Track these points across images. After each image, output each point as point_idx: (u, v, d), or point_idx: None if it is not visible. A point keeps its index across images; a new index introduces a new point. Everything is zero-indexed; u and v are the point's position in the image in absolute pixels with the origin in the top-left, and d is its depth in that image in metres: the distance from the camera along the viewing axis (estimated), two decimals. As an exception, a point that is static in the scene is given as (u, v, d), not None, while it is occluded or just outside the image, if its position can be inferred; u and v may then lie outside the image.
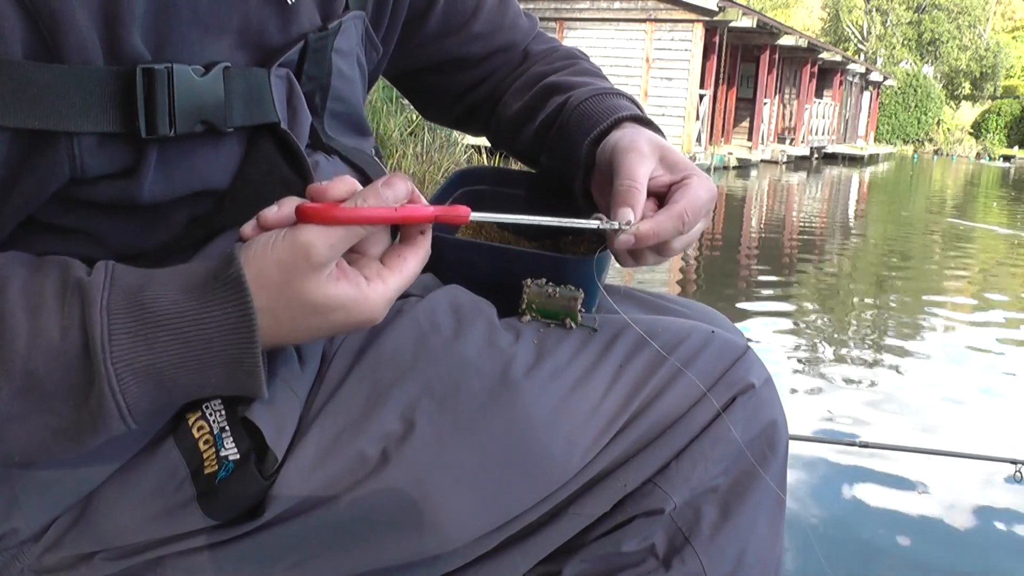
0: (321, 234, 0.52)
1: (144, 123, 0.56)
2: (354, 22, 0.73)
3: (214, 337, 0.52)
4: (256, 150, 0.64)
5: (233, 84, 0.60)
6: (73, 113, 0.53)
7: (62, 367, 0.51)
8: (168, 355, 0.52)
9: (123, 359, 0.51)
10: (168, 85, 0.56)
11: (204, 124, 0.59)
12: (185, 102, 0.57)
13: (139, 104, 0.55)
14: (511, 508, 0.66)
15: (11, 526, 0.62)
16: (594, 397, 0.67)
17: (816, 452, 2.60)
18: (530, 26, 0.95)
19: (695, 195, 0.69)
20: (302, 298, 0.54)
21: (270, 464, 0.62)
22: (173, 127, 0.57)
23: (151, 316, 0.52)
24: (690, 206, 0.68)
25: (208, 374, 0.53)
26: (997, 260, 7.58)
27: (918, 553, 2.13)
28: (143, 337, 0.51)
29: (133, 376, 0.51)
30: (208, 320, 0.52)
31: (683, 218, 0.68)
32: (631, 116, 0.77)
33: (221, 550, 0.63)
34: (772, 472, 0.72)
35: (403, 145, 8.76)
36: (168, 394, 0.54)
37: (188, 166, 0.60)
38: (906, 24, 40.19)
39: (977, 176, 22.10)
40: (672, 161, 0.71)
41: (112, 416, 0.52)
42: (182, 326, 0.52)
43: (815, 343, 4.22)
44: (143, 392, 0.52)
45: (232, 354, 0.53)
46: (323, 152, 0.73)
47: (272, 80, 0.64)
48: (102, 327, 0.51)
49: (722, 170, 16.02)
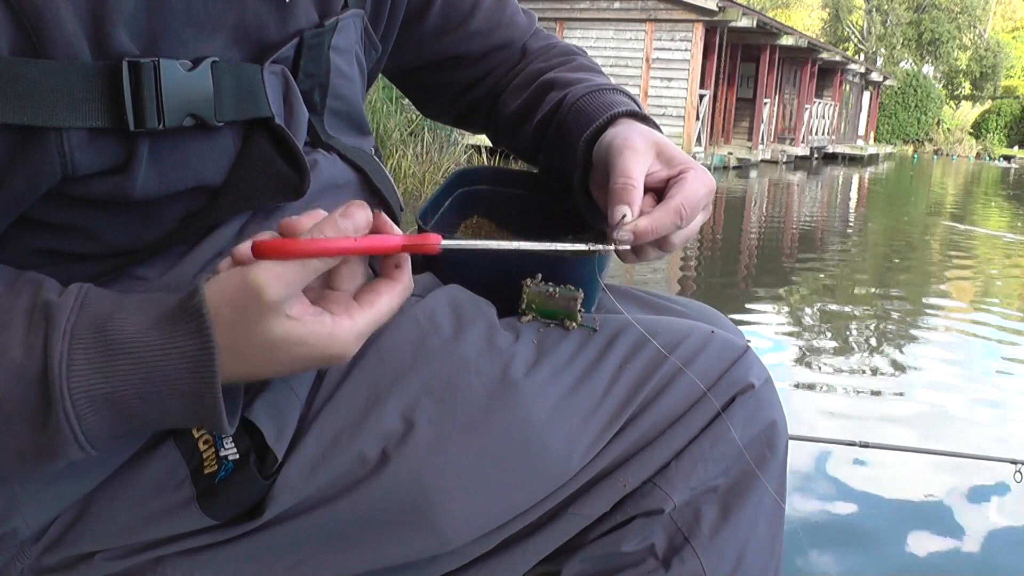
0: (274, 271, 0.51)
1: (132, 116, 0.55)
2: (352, 20, 0.73)
3: (174, 369, 0.51)
4: (251, 145, 0.64)
5: (223, 78, 0.60)
6: (60, 108, 0.53)
7: (22, 388, 0.50)
8: (127, 385, 0.51)
9: (80, 387, 0.50)
10: (155, 78, 0.56)
11: (194, 118, 0.59)
12: (173, 95, 0.57)
13: (126, 97, 0.55)
14: (511, 508, 0.66)
15: (11, 526, 0.62)
16: (594, 397, 0.67)
17: (816, 452, 2.60)
18: (528, 23, 0.95)
19: (692, 189, 0.69)
20: (260, 337, 0.52)
21: (270, 464, 0.62)
22: (162, 120, 0.57)
23: (114, 344, 0.51)
24: (687, 200, 0.68)
25: (168, 406, 0.52)
26: (997, 262, 7.58)
27: (918, 553, 2.13)
28: (102, 365, 0.51)
29: (91, 404, 0.51)
30: (170, 351, 0.51)
31: (680, 213, 0.67)
32: (627, 112, 0.77)
33: (221, 550, 0.63)
34: (772, 472, 0.72)
35: (403, 145, 8.76)
36: (127, 423, 0.53)
37: (181, 161, 0.60)
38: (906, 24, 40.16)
39: (977, 176, 22.09)
40: (668, 155, 0.71)
41: (69, 443, 0.51)
42: (144, 356, 0.51)
43: (815, 343, 4.22)
44: (101, 420, 0.51)
45: (191, 387, 0.52)
46: (322, 150, 0.73)
47: (266, 76, 0.64)
48: (62, 352, 0.50)
49: (722, 170, 16.02)
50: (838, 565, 2.03)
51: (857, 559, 2.07)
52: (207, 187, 0.63)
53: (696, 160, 0.74)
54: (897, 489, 2.46)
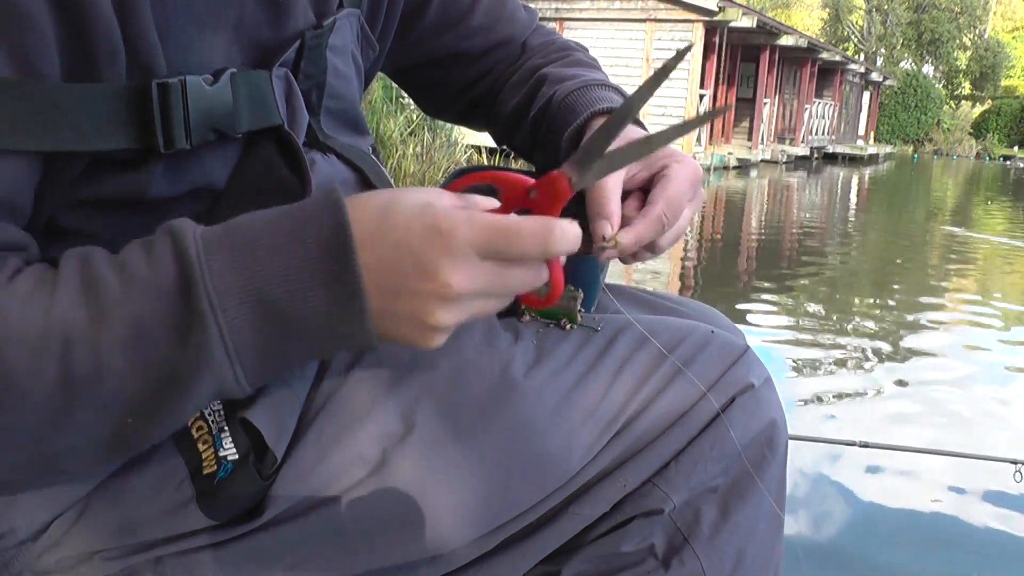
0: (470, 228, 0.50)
1: (162, 140, 0.56)
2: (349, 19, 0.73)
3: (312, 245, 0.49)
4: (256, 150, 0.64)
5: (239, 89, 0.61)
6: (90, 133, 0.53)
7: (161, 301, 0.48)
8: (266, 275, 0.49)
9: (222, 282, 0.49)
10: (182, 98, 0.56)
11: (216, 132, 0.60)
12: (199, 114, 0.58)
13: (156, 122, 0.56)
14: (511, 508, 0.66)
15: (10, 525, 0.62)
16: (594, 397, 0.67)
17: (816, 452, 2.60)
18: (529, 19, 0.95)
19: (674, 189, 0.68)
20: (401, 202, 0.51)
21: (269, 464, 0.62)
22: (189, 140, 0.58)
23: (246, 240, 0.50)
24: (669, 203, 0.67)
25: (309, 298, 0.50)
26: (997, 264, 7.57)
27: (918, 553, 2.13)
28: (238, 260, 0.49)
29: (233, 298, 0.49)
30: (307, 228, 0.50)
31: (662, 220, 0.67)
32: (606, 109, 0.76)
33: (221, 550, 0.63)
34: (772, 472, 0.72)
35: (403, 145, 8.76)
36: (270, 325, 0.50)
37: (196, 163, 0.61)
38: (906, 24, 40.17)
39: (977, 176, 22.09)
40: None
41: (215, 344, 0.48)
42: (278, 241, 0.50)
43: (815, 343, 4.22)
44: (244, 318, 0.49)
45: (331, 269, 0.49)
46: (320, 150, 0.73)
47: (273, 81, 0.64)
48: (198, 252, 0.49)
49: (722, 170, 16.02)
50: (838, 565, 2.03)
51: (857, 559, 2.07)
52: (212, 188, 0.63)
53: (696, 160, 0.73)
54: (897, 489, 2.46)
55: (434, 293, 0.50)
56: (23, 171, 0.53)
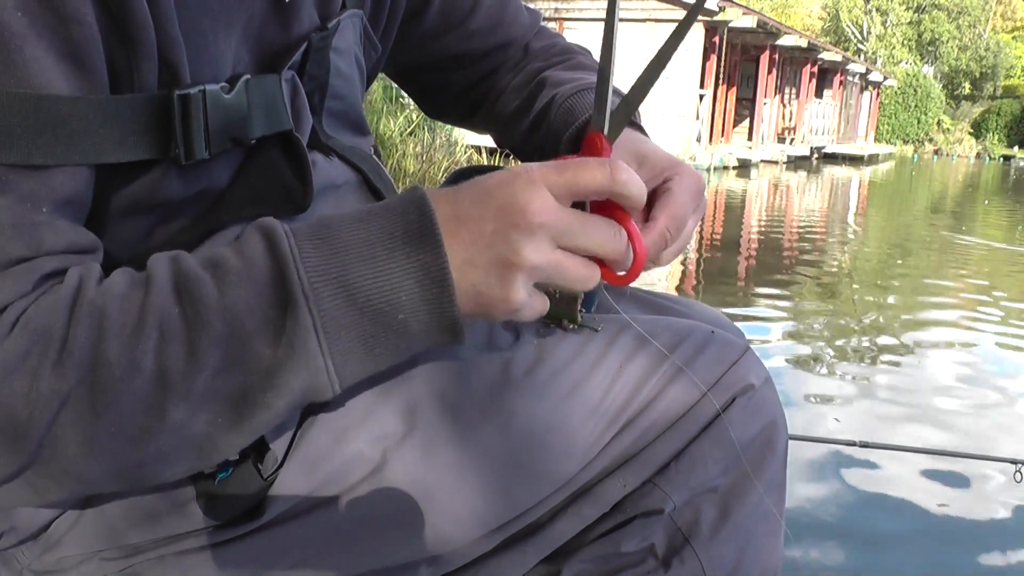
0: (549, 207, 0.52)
1: (183, 151, 0.56)
2: (352, 20, 0.73)
3: (398, 227, 0.52)
4: (261, 152, 0.64)
5: (253, 96, 0.61)
6: (110, 146, 0.53)
7: (255, 293, 0.50)
8: (356, 265, 0.51)
9: (315, 271, 0.50)
10: (203, 109, 0.57)
11: (233, 141, 0.60)
12: (217, 124, 0.58)
13: (177, 134, 0.56)
14: (511, 508, 0.66)
15: (11, 524, 0.62)
16: (594, 397, 0.67)
17: (816, 452, 2.60)
18: (531, 22, 0.95)
19: (677, 204, 0.67)
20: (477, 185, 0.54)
21: (270, 465, 0.62)
22: (208, 149, 0.58)
23: (334, 230, 0.52)
24: (673, 219, 0.66)
25: (400, 284, 0.51)
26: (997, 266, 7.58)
27: (918, 553, 2.13)
28: (329, 250, 0.51)
29: (327, 288, 0.50)
30: (394, 215, 0.52)
31: (665, 236, 0.66)
32: None
33: (221, 550, 0.63)
34: (772, 472, 0.72)
35: (403, 145, 8.76)
36: (362, 314, 0.51)
37: (209, 168, 0.61)
38: (906, 24, 40.19)
39: (977, 177, 22.09)
40: (652, 163, 0.69)
41: (309, 337, 0.50)
42: (367, 235, 0.52)
43: (815, 343, 4.22)
44: (337, 308, 0.50)
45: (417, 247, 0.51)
46: (321, 151, 0.73)
47: (283, 85, 0.64)
48: (291, 246, 0.50)
49: (722, 170, 16.02)
50: (838, 565, 2.03)
51: (857, 559, 2.07)
52: (215, 190, 0.63)
53: (696, 160, 0.73)
54: (897, 489, 2.46)
55: (516, 225, 0.52)
56: (85, 176, 0.53)
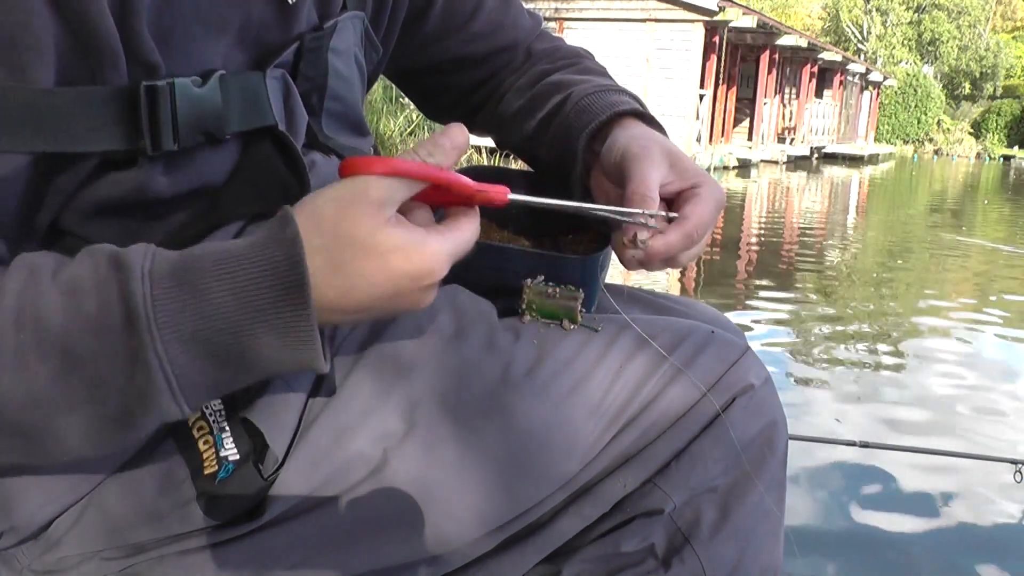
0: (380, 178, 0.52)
1: (150, 142, 0.56)
2: (352, 22, 0.73)
3: (262, 276, 0.50)
4: (253, 150, 0.64)
5: (230, 91, 0.61)
6: (81, 135, 0.53)
7: (102, 342, 0.48)
8: (214, 309, 0.49)
9: (168, 325, 0.49)
10: (171, 100, 0.56)
11: (205, 135, 0.60)
12: (187, 116, 0.58)
13: (143, 124, 0.55)
14: (511, 508, 0.66)
15: (11, 524, 0.62)
16: (594, 397, 0.67)
17: (816, 452, 2.60)
18: (533, 25, 0.95)
19: (705, 210, 0.69)
20: (358, 234, 0.51)
21: (270, 464, 0.62)
22: (177, 142, 0.57)
23: (196, 272, 0.50)
24: (699, 223, 0.68)
25: (259, 333, 0.50)
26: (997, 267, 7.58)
27: (918, 553, 2.13)
28: (189, 299, 0.49)
29: (180, 343, 0.49)
30: (257, 260, 0.50)
31: (692, 237, 0.68)
32: (631, 111, 0.77)
33: (221, 550, 0.63)
34: (772, 472, 0.73)
35: (403, 145, 8.76)
36: (218, 363, 0.51)
37: (188, 162, 0.61)
38: (906, 24, 40.18)
39: (977, 177, 22.09)
40: (682, 167, 0.71)
41: (161, 390, 0.49)
42: (229, 268, 0.50)
43: (815, 343, 4.22)
44: (191, 362, 0.49)
45: (280, 293, 0.50)
46: (320, 151, 0.73)
47: (268, 82, 0.64)
48: (144, 294, 0.49)
49: (722, 170, 16.02)
50: (838, 565, 2.03)
51: (857, 559, 2.07)
52: (211, 188, 0.63)
53: (696, 160, 0.74)
54: (897, 489, 2.46)
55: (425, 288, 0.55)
56: (7, 172, 0.52)
